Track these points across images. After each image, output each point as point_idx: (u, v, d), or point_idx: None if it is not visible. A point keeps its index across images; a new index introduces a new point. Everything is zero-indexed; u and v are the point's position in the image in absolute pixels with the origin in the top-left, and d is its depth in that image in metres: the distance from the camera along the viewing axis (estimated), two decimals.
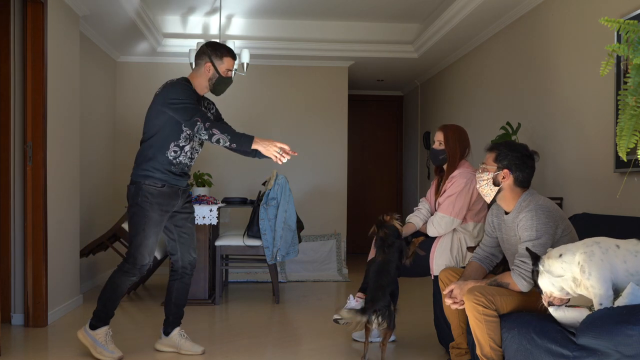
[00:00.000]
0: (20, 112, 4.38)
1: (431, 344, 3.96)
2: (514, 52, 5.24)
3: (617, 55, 3.41)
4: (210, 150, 7.17)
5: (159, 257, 5.50)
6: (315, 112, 7.39)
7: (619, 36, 3.51)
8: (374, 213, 8.51)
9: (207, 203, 5.31)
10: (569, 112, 4.27)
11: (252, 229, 5.27)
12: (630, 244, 2.44)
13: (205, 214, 5.17)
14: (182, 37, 6.61)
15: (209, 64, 3.62)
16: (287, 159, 3.47)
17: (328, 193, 7.38)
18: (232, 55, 3.67)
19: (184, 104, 3.46)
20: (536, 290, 2.62)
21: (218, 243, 5.30)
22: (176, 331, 3.77)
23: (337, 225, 7.36)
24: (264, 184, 5.58)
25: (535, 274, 2.57)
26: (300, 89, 7.37)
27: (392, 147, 9.31)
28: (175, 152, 3.56)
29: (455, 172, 3.77)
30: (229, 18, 6.60)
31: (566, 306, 2.51)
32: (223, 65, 3.63)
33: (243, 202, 5.77)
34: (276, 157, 3.43)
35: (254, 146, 3.43)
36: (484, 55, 5.97)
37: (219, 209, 5.29)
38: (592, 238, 2.52)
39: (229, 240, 5.30)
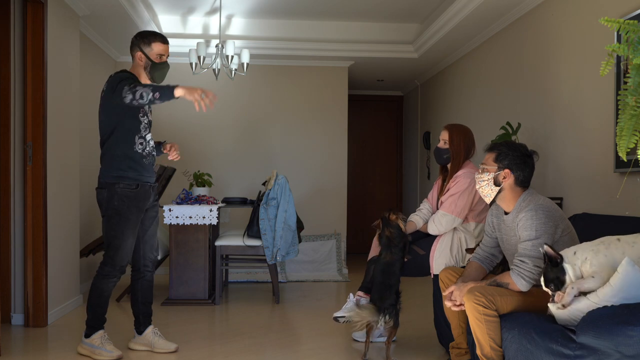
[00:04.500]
0: (20, 112, 4.38)
1: (431, 344, 3.96)
2: (514, 52, 5.24)
3: (617, 55, 3.41)
4: (210, 150, 7.17)
5: (159, 257, 5.50)
6: (315, 112, 7.39)
7: (619, 36, 3.51)
8: (374, 213, 8.53)
9: (207, 203, 5.30)
10: (569, 112, 4.26)
11: (252, 229, 5.27)
12: (630, 237, 2.51)
13: (205, 214, 5.17)
14: (182, 37, 6.61)
15: (139, 53, 3.60)
16: (208, 105, 3.30)
17: (328, 193, 7.38)
18: (161, 39, 3.62)
19: (123, 82, 3.35)
20: (546, 289, 2.59)
21: (218, 243, 5.29)
22: (149, 329, 3.77)
23: (337, 225, 7.36)
24: (264, 184, 5.58)
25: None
26: (300, 89, 7.37)
27: (392, 147, 9.30)
28: (141, 144, 3.55)
29: (460, 172, 3.77)
30: (229, 18, 6.60)
31: None
32: (153, 51, 3.59)
33: (243, 202, 5.77)
34: (199, 100, 3.26)
35: (177, 92, 3.25)
36: (484, 55, 5.97)
37: (219, 209, 5.29)
38: (598, 239, 2.57)
39: (229, 240, 5.30)
